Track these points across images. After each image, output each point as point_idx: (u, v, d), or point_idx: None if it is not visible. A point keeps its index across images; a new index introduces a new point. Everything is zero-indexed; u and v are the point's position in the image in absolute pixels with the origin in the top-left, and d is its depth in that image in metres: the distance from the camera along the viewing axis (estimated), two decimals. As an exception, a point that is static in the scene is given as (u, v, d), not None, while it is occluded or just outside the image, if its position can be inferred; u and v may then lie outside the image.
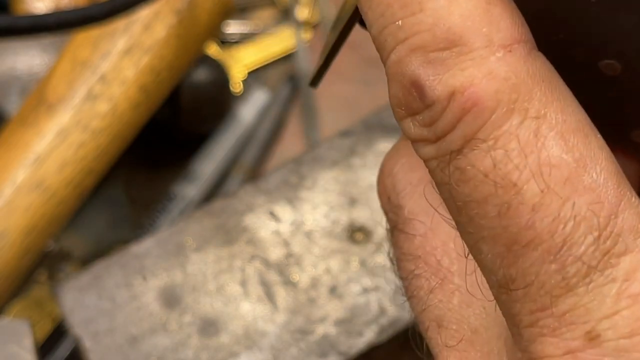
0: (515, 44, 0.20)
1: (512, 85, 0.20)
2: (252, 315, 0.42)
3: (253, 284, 0.42)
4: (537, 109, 0.20)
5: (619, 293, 0.19)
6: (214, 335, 0.41)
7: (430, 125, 0.21)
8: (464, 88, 0.20)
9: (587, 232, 0.20)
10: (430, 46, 0.21)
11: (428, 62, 0.21)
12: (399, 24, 0.21)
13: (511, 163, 0.20)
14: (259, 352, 0.41)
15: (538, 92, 0.20)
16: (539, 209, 0.20)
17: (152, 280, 0.42)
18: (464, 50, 0.20)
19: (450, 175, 0.21)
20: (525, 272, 0.20)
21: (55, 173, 0.57)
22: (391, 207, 0.27)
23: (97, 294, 0.42)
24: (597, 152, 0.20)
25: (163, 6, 0.60)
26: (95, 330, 0.41)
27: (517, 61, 0.20)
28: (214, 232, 0.44)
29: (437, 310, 0.25)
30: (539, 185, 0.20)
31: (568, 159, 0.20)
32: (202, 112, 0.69)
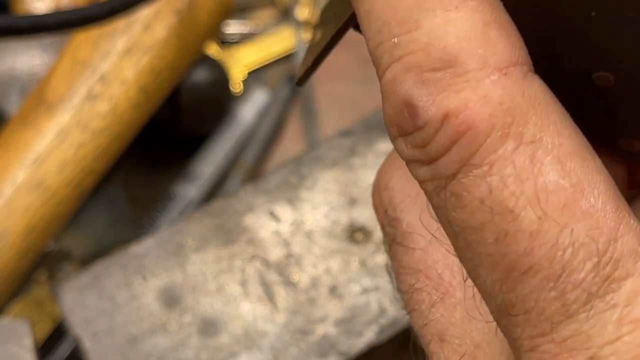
0: (511, 66, 0.20)
1: (506, 109, 0.20)
2: (252, 315, 0.42)
3: (253, 284, 0.42)
4: (532, 133, 0.20)
5: (621, 318, 0.19)
6: (214, 336, 0.41)
7: (423, 147, 0.21)
8: (458, 111, 0.20)
9: (587, 258, 0.19)
10: (424, 66, 0.20)
11: (422, 82, 0.20)
12: (395, 42, 0.21)
13: (507, 189, 0.20)
14: (259, 352, 0.41)
15: (533, 115, 0.20)
16: (537, 236, 0.19)
17: (152, 280, 0.42)
18: (459, 71, 0.20)
19: (446, 200, 0.21)
20: (524, 298, 0.20)
21: (55, 173, 0.57)
22: (389, 221, 0.27)
23: (97, 294, 0.42)
24: (595, 175, 0.20)
25: (163, 6, 0.60)
26: (95, 330, 0.41)
27: (513, 84, 0.20)
28: (214, 232, 0.44)
29: (439, 325, 0.25)
30: (536, 212, 0.19)
31: (565, 184, 0.20)
32: (202, 112, 0.69)
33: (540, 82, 0.21)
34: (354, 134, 0.47)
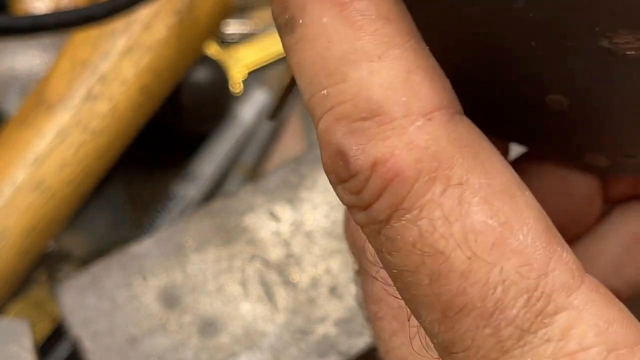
0: (436, 111, 0.20)
1: (432, 154, 0.20)
2: (252, 316, 0.42)
3: (253, 284, 0.42)
4: (459, 176, 0.20)
5: (555, 353, 0.19)
6: (213, 336, 0.41)
7: (358, 194, 0.21)
8: (385, 158, 0.20)
9: (518, 295, 0.20)
10: (353, 116, 0.21)
11: (351, 132, 0.21)
12: (325, 93, 0.21)
13: (437, 232, 0.20)
14: (259, 352, 0.41)
15: (459, 158, 0.20)
16: (468, 276, 0.20)
17: (152, 281, 0.42)
18: (385, 120, 0.20)
19: (382, 244, 0.21)
20: (462, 336, 0.20)
21: (55, 173, 0.57)
22: (356, 250, 0.28)
23: (97, 294, 0.42)
24: (525, 211, 0.20)
25: (163, 6, 0.60)
26: (95, 330, 0.41)
27: (438, 129, 0.20)
28: (214, 232, 0.44)
29: (400, 353, 0.26)
30: (465, 252, 0.20)
31: (493, 224, 0.20)
32: (202, 112, 0.69)
33: (467, 122, 0.21)
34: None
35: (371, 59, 0.21)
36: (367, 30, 0.21)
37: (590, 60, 0.21)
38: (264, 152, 0.72)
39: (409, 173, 0.20)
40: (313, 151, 0.46)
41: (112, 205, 0.70)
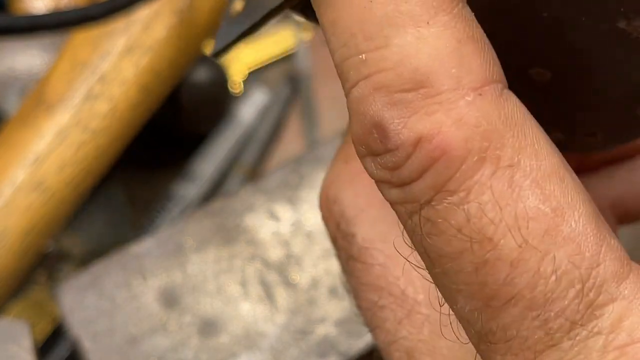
0: (487, 85, 0.19)
1: (483, 132, 0.19)
2: (252, 316, 0.41)
3: (253, 284, 0.42)
4: (510, 157, 0.19)
5: (605, 346, 0.19)
6: (213, 336, 0.41)
7: (394, 170, 0.20)
8: (431, 135, 0.19)
9: (569, 285, 0.19)
10: (395, 86, 0.19)
11: (392, 104, 0.19)
12: (363, 58, 0.20)
13: (485, 217, 0.19)
14: (259, 352, 0.41)
15: (510, 138, 0.19)
16: (518, 265, 0.19)
17: (152, 281, 0.42)
18: (431, 92, 0.19)
19: (420, 225, 0.20)
20: (506, 327, 0.19)
21: (55, 173, 0.57)
22: (343, 235, 0.26)
23: (97, 294, 0.42)
24: (575, 196, 0.19)
25: (163, 6, 0.60)
26: (95, 330, 0.41)
27: (489, 105, 0.19)
28: (214, 232, 0.44)
29: (407, 342, 0.24)
30: (516, 240, 0.19)
31: (546, 210, 0.19)
32: (202, 112, 0.69)
33: (515, 99, 0.20)
34: (354, 133, 0.47)
35: (418, 24, 0.19)
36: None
37: (599, 38, 0.20)
38: (264, 152, 0.72)
39: (457, 152, 0.19)
40: (313, 151, 0.46)
41: (112, 205, 0.70)
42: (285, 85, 0.75)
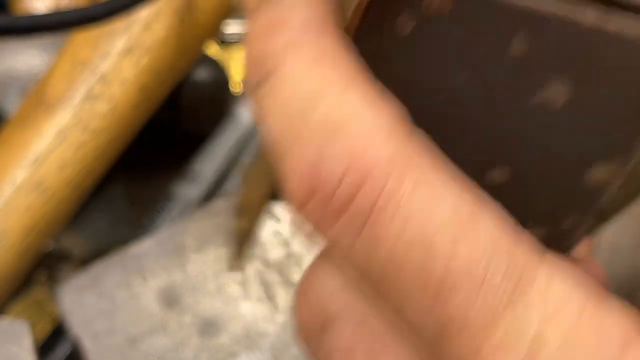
0: (399, 125, 0.22)
1: (398, 158, 0.21)
2: (252, 316, 0.42)
3: (253, 284, 0.42)
4: (425, 173, 0.22)
5: (541, 317, 0.21)
6: (214, 336, 0.41)
7: (328, 204, 0.22)
8: (357, 162, 0.21)
9: (497, 269, 0.22)
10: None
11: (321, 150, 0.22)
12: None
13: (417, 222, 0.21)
14: (259, 352, 0.41)
15: (423, 160, 0.22)
16: (453, 258, 0.21)
17: (152, 281, 0.43)
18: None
19: (361, 250, 0.22)
20: (457, 314, 0.21)
21: (55, 173, 0.58)
22: (313, 326, 0.26)
23: (97, 294, 0.42)
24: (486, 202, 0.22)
25: (163, 6, 0.60)
26: (95, 330, 0.41)
27: (401, 141, 0.22)
28: (214, 232, 0.44)
29: None
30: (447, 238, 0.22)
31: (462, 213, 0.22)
32: (202, 112, 0.69)
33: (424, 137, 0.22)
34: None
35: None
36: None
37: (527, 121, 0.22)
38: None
39: (378, 174, 0.21)
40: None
41: (112, 205, 0.70)
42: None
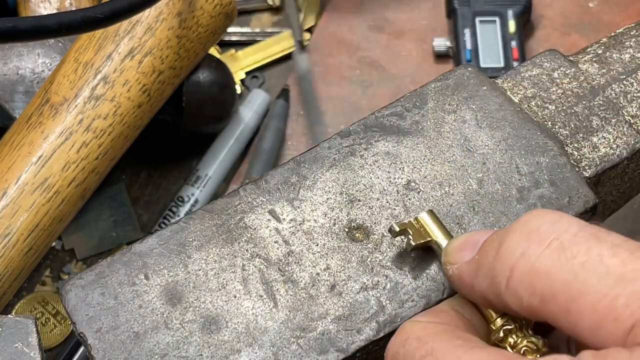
0: None
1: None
2: (253, 313, 0.42)
3: (254, 282, 0.43)
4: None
5: None
6: (215, 333, 0.42)
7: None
8: None
9: None
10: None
11: None
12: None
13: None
14: (260, 349, 0.41)
15: None
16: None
17: (155, 279, 0.43)
18: None
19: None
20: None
21: (59, 173, 0.58)
22: None
23: (101, 292, 0.43)
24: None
25: (165, 8, 0.61)
26: (99, 327, 0.42)
27: None
28: (215, 231, 0.44)
29: None
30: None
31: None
32: (205, 112, 0.69)
33: None
34: (353, 134, 0.47)
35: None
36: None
37: None
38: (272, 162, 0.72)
39: None
40: (313, 151, 0.47)
41: (116, 205, 0.71)
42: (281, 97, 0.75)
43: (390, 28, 0.78)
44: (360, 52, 0.77)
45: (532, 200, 0.45)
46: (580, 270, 0.33)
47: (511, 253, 0.35)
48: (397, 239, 0.44)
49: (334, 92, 0.76)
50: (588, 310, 0.32)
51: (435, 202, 0.45)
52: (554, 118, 0.48)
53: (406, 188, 0.46)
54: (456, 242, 0.40)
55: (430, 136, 0.47)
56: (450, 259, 0.40)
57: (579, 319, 0.32)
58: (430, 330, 0.37)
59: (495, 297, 0.36)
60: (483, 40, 0.75)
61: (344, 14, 0.79)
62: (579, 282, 0.33)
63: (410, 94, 0.49)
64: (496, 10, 0.76)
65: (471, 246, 0.39)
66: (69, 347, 0.63)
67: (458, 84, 0.48)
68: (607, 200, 0.50)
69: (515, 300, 0.35)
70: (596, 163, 0.47)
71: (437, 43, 0.77)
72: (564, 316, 0.33)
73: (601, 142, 0.47)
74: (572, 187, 0.45)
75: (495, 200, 0.45)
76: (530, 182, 0.45)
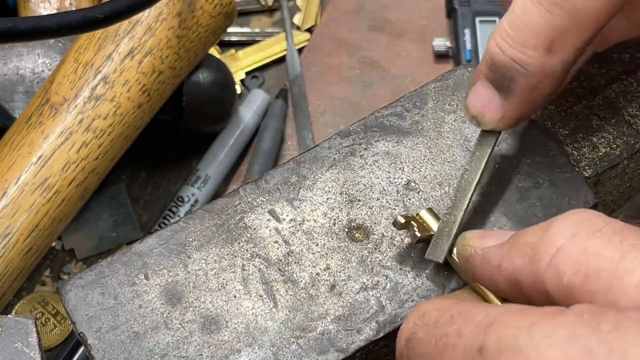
0: None
1: None
2: (253, 313, 0.42)
3: (254, 282, 0.43)
4: None
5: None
6: (215, 333, 0.42)
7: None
8: None
9: None
10: None
11: None
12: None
13: None
14: (260, 349, 0.41)
15: None
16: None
17: (155, 279, 0.43)
18: None
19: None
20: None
21: (59, 172, 0.58)
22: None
23: (101, 292, 0.43)
24: None
25: (165, 8, 0.61)
26: (99, 327, 0.42)
27: None
28: (215, 231, 0.44)
29: None
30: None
31: None
32: (205, 112, 0.69)
33: None
34: (353, 133, 0.47)
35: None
36: None
37: None
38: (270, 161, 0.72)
39: None
40: (313, 151, 0.47)
41: (115, 205, 0.71)
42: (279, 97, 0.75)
43: (390, 28, 0.78)
44: (360, 52, 0.77)
45: (532, 200, 0.45)
46: (631, 250, 0.33)
47: (560, 234, 0.35)
48: (397, 238, 0.44)
49: (334, 92, 0.76)
50: (632, 287, 0.33)
51: (435, 202, 0.45)
52: (553, 118, 0.48)
53: (406, 188, 0.46)
54: (475, 232, 0.41)
55: (430, 136, 0.47)
56: (471, 243, 0.40)
57: (620, 296, 0.33)
58: (448, 300, 0.37)
59: (529, 275, 0.36)
60: (483, 40, 0.75)
61: (344, 14, 0.79)
62: (627, 261, 0.33)
63: (410, 94, 0.49)
64: (496, 10, 0.76)
65: (494, 236, 0.39)
66: (69, 347, 0.63)
67: (458, 84, 0.49)
68: (607, 200, 0.50)
69: (554, 278, 0.35)
70: (596, 163, 0.47)
71: (437, 43, 0.77)
72: (603, 294, 0.33)
73: (601, 142, 0.47)
74: (572, 187, 0.45)
75: (495, 200, 0.45)
76: (530, 182, 0.45)
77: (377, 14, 0.79)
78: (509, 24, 0.39)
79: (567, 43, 0.38)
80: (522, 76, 0.39)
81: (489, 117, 0.42)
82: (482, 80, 0.41)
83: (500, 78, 0.40)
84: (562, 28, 0.38)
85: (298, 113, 0.74)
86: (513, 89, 0.40)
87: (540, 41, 0.38)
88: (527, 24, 0.38)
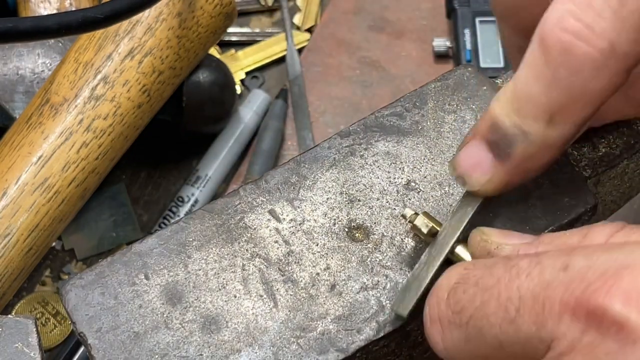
0: None
1: None
2: (253, 313, 0.42)
3: (254, 282, 0.43)
4: None
5: None
6: (215, 332, 0.42)
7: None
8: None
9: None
10: None
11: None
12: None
13: None
14: (260, 348, 0.41)
15: None
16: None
17: (155, 278, 0.43)
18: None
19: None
20: None
21: (59, 173, 0.58)
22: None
23: (101, 292, 0.43)
24: None
25: (165, 9, 0.61)
26: (99, 327, 0.42)
27: None
28: (215, 231, 0.44)
29: None
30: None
31: None
32: (205, 112, 0.69)
33: None
34: (353, 133, 0.47)
35: None
36: None
37: None
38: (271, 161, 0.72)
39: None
40: (313, 151, 0.47)
41: (115, 205, 0.71)
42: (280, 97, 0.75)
43: (390, 28, 0.78)
44: (360, 52, 0.77)
45: (532, 200, 0.45)
46: None
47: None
48: (397, 238, 0.44)
49: (334, 92, 0.76)
50: None
51: (435, 202, 0.45)
52: (553, 118, 0.48)
53: (406, 188, 0.46)
54: (492, 229, 0.41)
55: (430, 136, 0.47)
56: (493, 239, 0.40)
57: None
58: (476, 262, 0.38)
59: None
60: (483, 41, 0.75)
61: (344, 14, 0.79)
62: None
63: (410, 94, 0.49)
64: (496, 11, 0.76)
65: (517, 236, 0.39)
66: (69, 347, 0.64)
67: (458, 84, 0.49)
68: (607, 200, 0.50)
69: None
70: (596, 163, 0.47)
71: (437, 43, 0.77)
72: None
73: (601, 142, 0.47)
74: (572, 187, 0.45)
75: (495, 200, 0.45)
76: (530, 182, 0.45)
77: (377, 14, 0.79)
78: (512, 92, 0.38)
79: (567, 118, 0.38)
80: (522, 143, 0.39)
81: (476, 178, 0.41)
82: (478, 141, 0.40)
83: (500, 140, 0.39)
84: (561, 104, 0.37)
85: (298, 113, 0.74)
86: (510, 154, 0.39)
87: (541, 113, 0.38)
88: (528, 95, 0.38)
